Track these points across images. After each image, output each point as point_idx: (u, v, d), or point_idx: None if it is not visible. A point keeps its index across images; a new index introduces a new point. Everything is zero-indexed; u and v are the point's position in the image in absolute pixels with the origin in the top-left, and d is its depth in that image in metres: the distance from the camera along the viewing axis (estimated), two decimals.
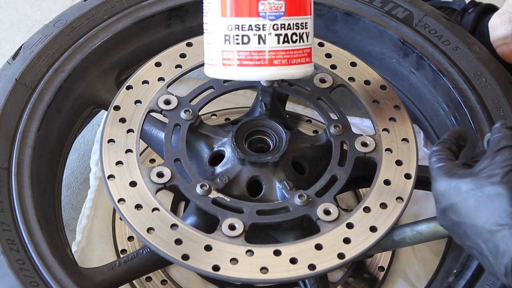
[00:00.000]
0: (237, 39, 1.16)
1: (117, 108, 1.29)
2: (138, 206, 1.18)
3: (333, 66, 1.37)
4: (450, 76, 1.44)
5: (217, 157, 1.29)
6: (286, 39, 1.16)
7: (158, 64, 1.35)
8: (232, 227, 1.16)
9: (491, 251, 0.96)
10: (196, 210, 1.26)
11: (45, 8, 1.96)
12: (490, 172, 0.99)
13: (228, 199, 1.19)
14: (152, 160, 1.56)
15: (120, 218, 1.47)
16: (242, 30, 1.15)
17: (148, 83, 1.32)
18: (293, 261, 1.14)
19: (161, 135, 1.31)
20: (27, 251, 1.18)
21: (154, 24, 1.52)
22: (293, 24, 1.16)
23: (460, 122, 1.42)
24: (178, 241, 1.15)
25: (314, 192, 1.21)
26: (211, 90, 1.34)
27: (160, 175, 1.21)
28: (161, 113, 1.30)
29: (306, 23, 1.18)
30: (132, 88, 1.32)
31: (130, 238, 1.47)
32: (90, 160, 1.54)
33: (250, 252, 1.14)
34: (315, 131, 1.60)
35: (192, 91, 1.33)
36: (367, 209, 1.19)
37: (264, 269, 1.13)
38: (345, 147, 1.28)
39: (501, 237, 0.94)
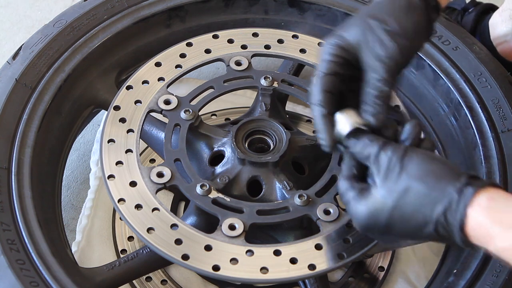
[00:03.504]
0: None
1: (117, 108, 1.29)
2: (138, 206, 1.18)
3: None
4: (450, 76, 1.44)
5: (217, 157, 1.29)
6: None
7: (158, 64, 1.35)
8: (232, 227, 1.16)
9: (444, 233, 0.95)
10: (196, 210, 1.26)
11: (45, 8, 1.96)
12: (388, 178, 0.97)
13: (228, 199, 1.19)
14: (152, 160, 1.56)
15: (120, 218, 1.47)
16: None
17: (148, 83, 1.32)
18: (293, 261, 1.14)
19: (161, 135, 1.31)
20: (27, 251, 1.18)
21: (154, 24, 1.52)
22: None
23: (460, 122, 1.42)
24: (178, 241, 1.15)
25: (314, 192, 1.21)
26: (211, 90, 1.34)
27: (160, 175, 1.21)
28: (161, 113, 1.30)
29: None
30: (132, 88, 1.32)
31: (130, 238, 1.47)
32: (90, 160, 1.54)
33: (250, 252, 1.14)
34: (315, 131, 1.60)
35: (192, 91, 1.33)
36: None
37: (264, 269, 1.13)
38: None
39: (441, 221, 0.94)
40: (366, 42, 1.04)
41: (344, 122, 1.05)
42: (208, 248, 1.14)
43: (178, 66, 1.35)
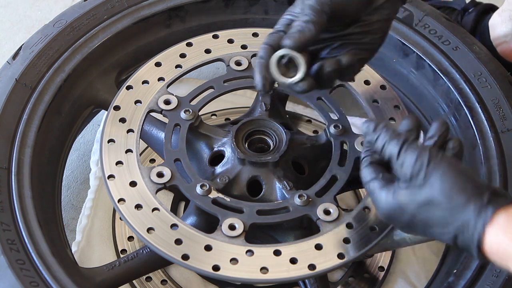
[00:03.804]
0: None
1: (117, 108, 1.29)
2: (138, 206, 1.18)
3: None
4: (450, 76, 1.44)
5: (217, 157, 1.29)
6: None
7: (158, 64, 1.35)
8: (232, 227, 1.16)
9: (463, 246, 0.96)
10: (196, 210, 1.26)
11: (45, 8, 1.96)
12: (415, 183, 0.98)
13: (228, 199, 1.19)
14: (152, 160, 1.56)
15: (120, 218, 1.47)
16: None
17: (148, 83, 1.32)
18: (293, 261, 1.14)
19: (161, 135, 1.31)
20: (27, 251, 1.18)
21: (154, 24, 1.52)
22: None
23: (460, 122, 1.42)
24: (178, 241, 1.15)
25: (314, 192, 1.21)
26: (211, 90, 1.34)
27: (160, 175, 1.21)
28: (161, 113, 1.30)
29: None
30: (132, 88, 1.32)
31: (130, 238, 1.47)
32: (90, 160, 1.54)
33: (250, 252, 1.14)
34: (315, 131, 1.60)
35: (192, 91, 1.33)
36: (367, 209, 1.19)
37: (264, 269, 1.13)
38: (345, 147, 1.28)
39: (463, 227, 0.94)
40: None
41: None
42: (208, 248, 1.14)
43: (178, 66, 1.35)
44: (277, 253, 1.14)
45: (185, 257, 1.13)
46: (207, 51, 1.38)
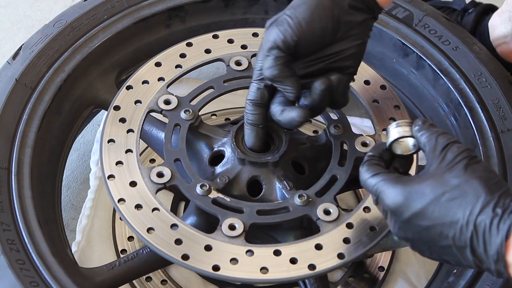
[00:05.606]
0: None
1: (117, 108, 1.29)
2: (138, 206, 1.18)
3: None
4: (450, 76, 1.44)
5: (217, 157, 1.29)
6: None
7: (158, 64, 1.35)
8: (232, 227, 1.16)
9: (479, 241, 0.93)
10: (196, 210, 1.26)
11: (45, 8, 1.96)
12: (449, 169, 0.97)
13: (228, 199, 1.19)
14: (152, 160, 1.56)
15: (120, 218, 1.47)
16: None
17: (148, 83, 1.32)
18: (293, 261, 1.14)
19: (161, 135, 1.31)
20: (27, 251, 1.18)
21: (154, 24, 1.52)
22: None
23: (460, 122, 1.42)
24: (178, 241, 1.15)
25: (314, 192, 1.21)
26: (211, 90, 1.34)
27: (160, 175, 1.21)
28: (161, 113, 1.30)
29: None
30: (132, 88, 1.32)
31: (130, 238, 1.47)
32: (90, 160, 1.54)
33: (250, 252, 1.14)
34: (315, 131, 1.60)
35: (192, 91, 1.33)
36: (367, 209, 1.19)
37: (264, 269, 1.13)
38: (345, 147, 1.28)
39: (484, 225, 0.92)
40: None
41: (391, 132, 1.07)
42: (208, 248, 1.14)
43: (178, 66, 1.35)
44: (277, 253, 1.14)
45: (185, 257, 1.13)
46: (207, 51, 1.38)
